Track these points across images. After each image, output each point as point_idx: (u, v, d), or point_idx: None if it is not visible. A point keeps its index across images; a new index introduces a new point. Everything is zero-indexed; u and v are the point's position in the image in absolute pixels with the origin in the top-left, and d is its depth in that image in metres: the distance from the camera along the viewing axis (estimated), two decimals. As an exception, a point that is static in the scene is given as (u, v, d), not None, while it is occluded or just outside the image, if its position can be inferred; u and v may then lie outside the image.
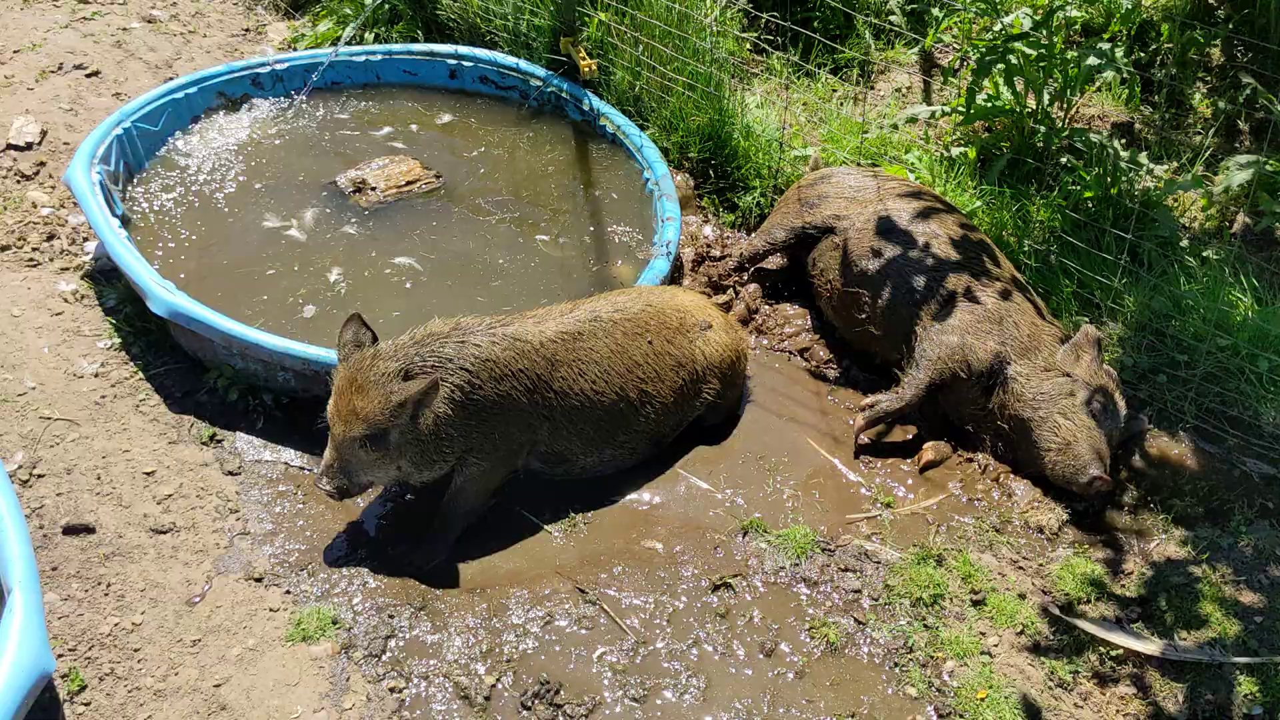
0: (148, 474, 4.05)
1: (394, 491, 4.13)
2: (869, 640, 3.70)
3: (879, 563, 3.92)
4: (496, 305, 4.71)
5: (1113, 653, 3.69)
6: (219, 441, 4.22)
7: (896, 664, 3.64)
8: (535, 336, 3.96)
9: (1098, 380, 4.21)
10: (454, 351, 3.81)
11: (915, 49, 6.08)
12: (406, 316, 4.56)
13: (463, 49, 5.85)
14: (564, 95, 5.67)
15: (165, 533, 3.88)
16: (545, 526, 4.04)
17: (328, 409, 3.76)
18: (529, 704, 3.49)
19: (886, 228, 4.64)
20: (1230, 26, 5.58)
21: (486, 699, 3.50)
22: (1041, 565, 3.96)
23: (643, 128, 5.53)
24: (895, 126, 5.59)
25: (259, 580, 3.79)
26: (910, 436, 4.49)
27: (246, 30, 6.45)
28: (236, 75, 5.59)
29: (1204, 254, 4.80)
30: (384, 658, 3.59)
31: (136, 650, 3.55)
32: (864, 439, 4.39)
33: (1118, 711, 3.57)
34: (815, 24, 6.03)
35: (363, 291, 4.72)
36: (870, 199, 4.77)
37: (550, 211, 5.24)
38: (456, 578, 3.86)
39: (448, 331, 3.85)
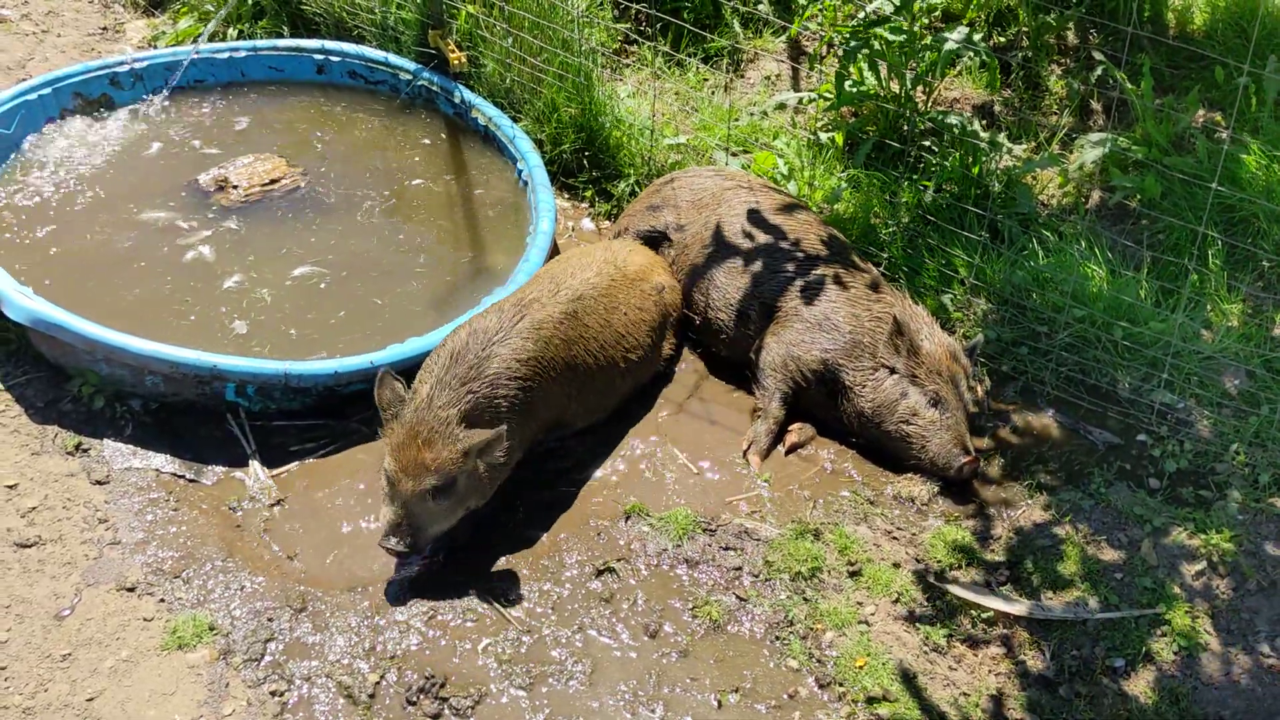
0: (10, 487, 3.92)
1: (271, 492, 4.06)
2: (750, 616, 3.77)
3: (759, 540, 3.99)
4: (404, 300, 4.76)
5: (983, 615, 3.82)
6: (85, 451, 4.10)
7: (778, 637, 3.71)
8: (549, 322, 4.04)
9: (926, 365, 4.26)
10: (497, 366, 3.83)
11: (783, 37, 6.18)
12: (350, 321, 4.60)
13: (329, 44, 5.77)
14: (434, 88, 5.63)
15: (30, 546, 3.77)
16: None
17: (386, 468, 3.68)
18: (414, 699, 3.48)
19: (716, 242, 4.68)
20: (1083, 9, 5.79)
21: (371, 697, 3.48)
22: (915, 535, 4.08)
23: (516, 120, 5.52)
24: (765, 113, 5.67)
25: (131, 590, 3.69)
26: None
27: (104, 29, 6.26)
28: (93, 75, 5.43)
29: (1061, 229, 4.97)
30: (264, 661, 3.54)
31: (3, 668, 3.45)
32: (758, 464, 4.34)
33: (989, 671, 3.70)
34: (685, 14, 6.08)
35: (286, 299, 4.66)
36: (708, 203, 4.82)
37: (423, 206, 5.20)
38: (338, 577, 3.82)
39: (480, 346, 3.84)
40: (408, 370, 4.36)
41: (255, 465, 4.14)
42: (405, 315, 4.64)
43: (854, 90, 5.34)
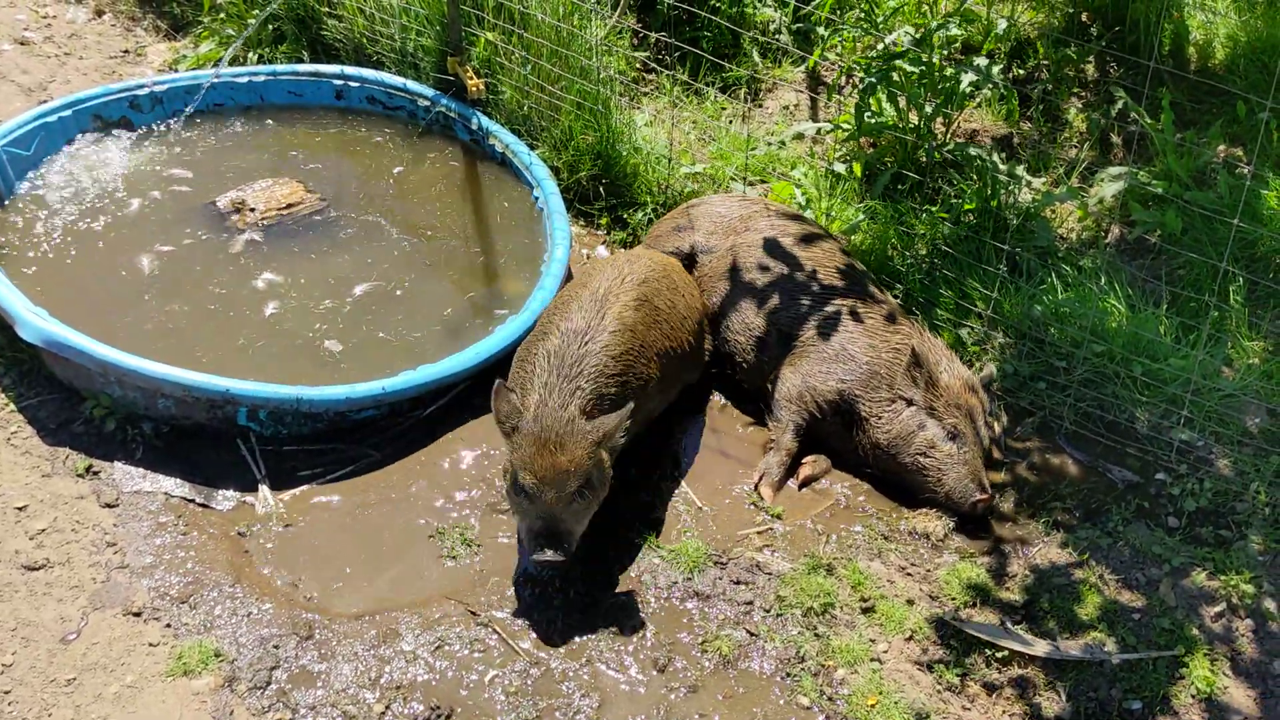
0: (19, 509, 3.91)
1: (280, 518, 4.04)
2: (761, 652, 3.72)
3: (770, 574, 3.94)
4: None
5: (999, 655, 3.76)
6: (95, 473, 4.09)
7: (789, 674, 3.66)
8: (629, 309, 4.11)
9: (944, 398, 4.22)
10: (595, 362, 3.89)
11: (801, 67, 6.18)
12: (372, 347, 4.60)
13: (349, 69, 5.79)
14: (452, 115, 5.64)
15: (38, 569, 3.75)
16: (436, 550, 3.98)
17: (522, 483, 3.64)
18: (420, 730, 3.44)
19: (739, 267, 4.66)
20: (1103, 43, 5.77)
21: (376, 727, 3.44)
22: (929, 571, 4.02)
23: (533, 147, 5.52)
24: (783, 143, 5.66)
25: (138, 615, 3.67)
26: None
27: (126, 52, 6.29)
28: (114, 97, 5.44)
29: (1080, 263, 4.94)
30: (269, 689, 3.51)
31: (7, 693, 3.42)
32: (771, 497, 4.30)
33: (1004, 712, 3.64)
34: (704, 43, 6.09)
35: (334, 318, 4.70)
36: (735, 227, 4.79)
37: (439, 231, 5.19)
38: (345, 605, 3.79)
39: (576, 346, 3.90)
40: (418, 397, 4.36)
41: (265, 490, 4.12)
42: (418, 341, 4.63)
43: (873, 121, 5.33)
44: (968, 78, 5.04)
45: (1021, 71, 5.92)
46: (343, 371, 4.46)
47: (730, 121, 5.84)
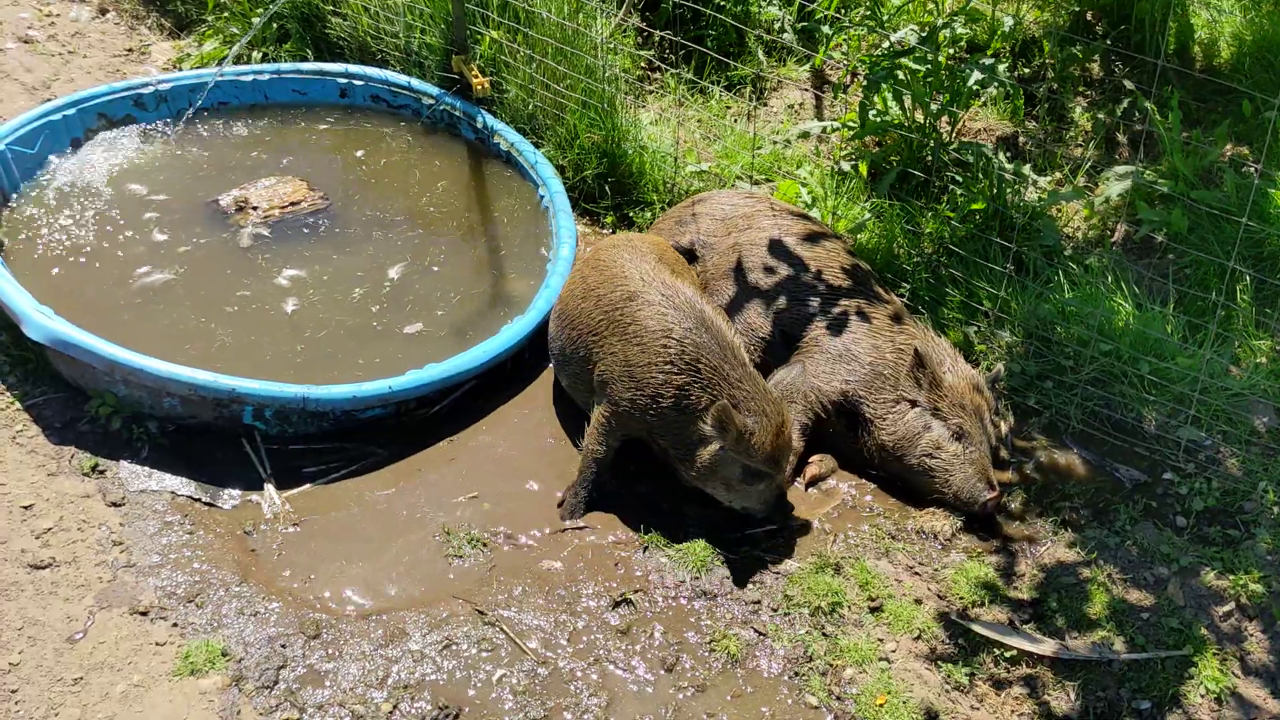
0: (25, 508, 3.90)
1: (286, 517, 4.03)
2: (769, 651, 3.71)
3: (778, 573, 3.94)
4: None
5: (1007, 655, 3.75)
6: (101, 472, 4.08)
7: (797, 673, 3.65)
8: (682, 280, 4.25)
9: (949, 398, 4.21)
10: (727, 327, 4.11)
11: (807, 66, 6.17)
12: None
13: (353, 68, 5.78)
14: (457, 113, 5.63)
15: (44, 568, 3.74)
16: (443, 549, 3.98)
17: (763, 469, 3.92)
18: (427, 730, 3.43)
19: (742, 265, 4.64)
20: (1108, 42, 5.76)
21: (384, 727, 3.43)
22: (937, 570, 4.01)
23: (538, 145, 5.51)
24: (788, 142, 5.65)
25: (144, 614, 3.66)
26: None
27: (129, 50, 6.29)
28: (118, 96, 5.44)
29: (1087, 262, 4.93)
30: (277, 688, 3.50)
31: (14, 692, 3.41)
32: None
33: (1012, 712, 3.63)
34: (709, 42, 6.08)
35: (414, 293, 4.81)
36: (738, 225, 4.77)
37: (444, 230, 5.18)
38: (351, 604, 3.78)
39: (718, 325, 4.06)
40: (428, 397, 4.36)
41: (270, 489, 4.12)
42: (425, 341, 4.62)
43: (878, 120, 5.32)
44: (973, 76, 5.03)
45: (1027, 70, 5.91)
46: (454, 344, 4.56)
47: (735, 120, 5.83)
